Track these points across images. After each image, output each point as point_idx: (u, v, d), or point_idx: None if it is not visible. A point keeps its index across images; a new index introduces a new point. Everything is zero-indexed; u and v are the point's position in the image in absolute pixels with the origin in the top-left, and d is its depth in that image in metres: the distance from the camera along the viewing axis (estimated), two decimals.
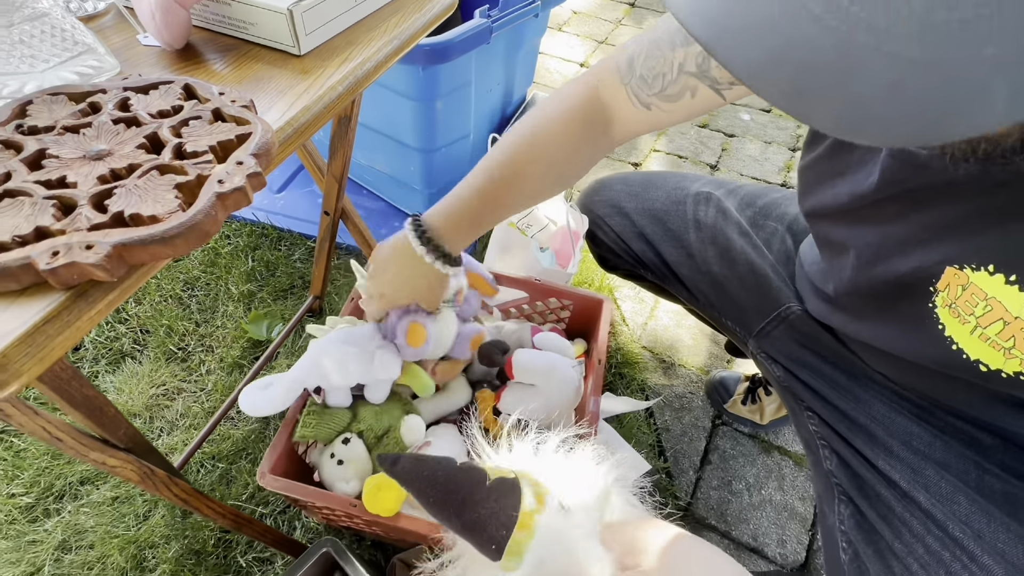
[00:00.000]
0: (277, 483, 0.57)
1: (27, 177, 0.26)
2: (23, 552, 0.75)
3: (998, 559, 0.40)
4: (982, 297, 0.35)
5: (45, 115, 0.29)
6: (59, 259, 0.22)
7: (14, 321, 0.22)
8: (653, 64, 0.45)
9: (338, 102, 0.38)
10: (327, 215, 0.79)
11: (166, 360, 0.96)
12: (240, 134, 0.29)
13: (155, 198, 0.25)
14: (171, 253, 0.24)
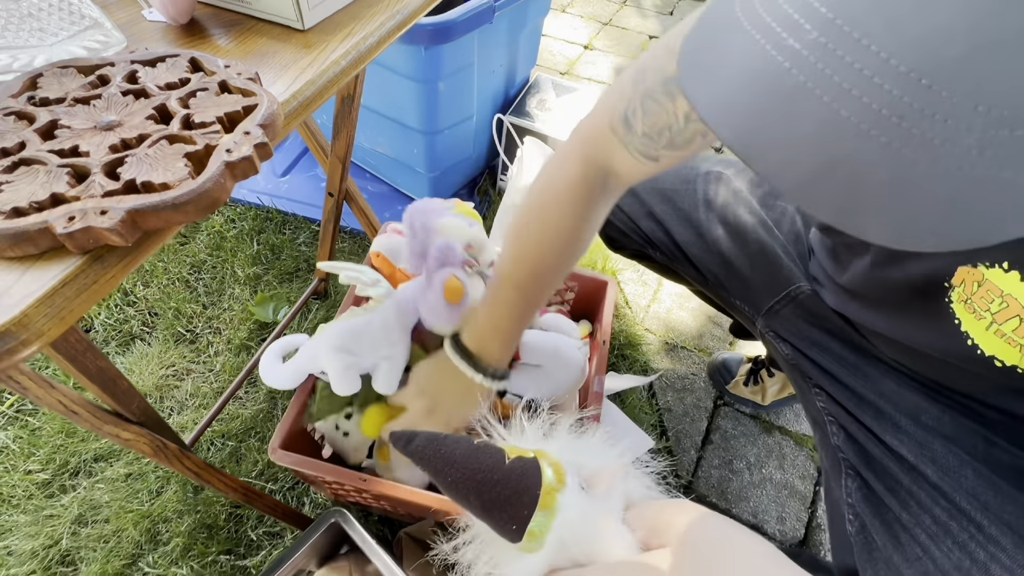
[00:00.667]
0: (288, 458, 0.59)
1: (41, 146, 0.26)
2: (41, 526, 0.77)
3: (1004, 530, 0.40)
4: (998, 293, 0.35)
5: (56, 87, 0.30)
6: (75, 224, 0.23)
7: (34, 284, 0.23)
8: (654, 120, 0.42)
9: (341, 76, 0.38)
10: (331, 196, 0.80)
11: (175, 342, 0.98)
12: (246, 105, 0.30)
13: (165, 166, 0.26)
14: (183, 219, 0.25)
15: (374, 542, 0.55)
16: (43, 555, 0.75)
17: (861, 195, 0.17)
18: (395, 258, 0.71)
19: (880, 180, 0.17)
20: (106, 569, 0.74)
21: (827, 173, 0.17)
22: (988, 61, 0.15)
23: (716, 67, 0.20)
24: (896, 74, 0.16)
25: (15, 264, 0.24)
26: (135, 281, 1.04)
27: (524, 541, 0.21)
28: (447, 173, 1.12)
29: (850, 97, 0.16)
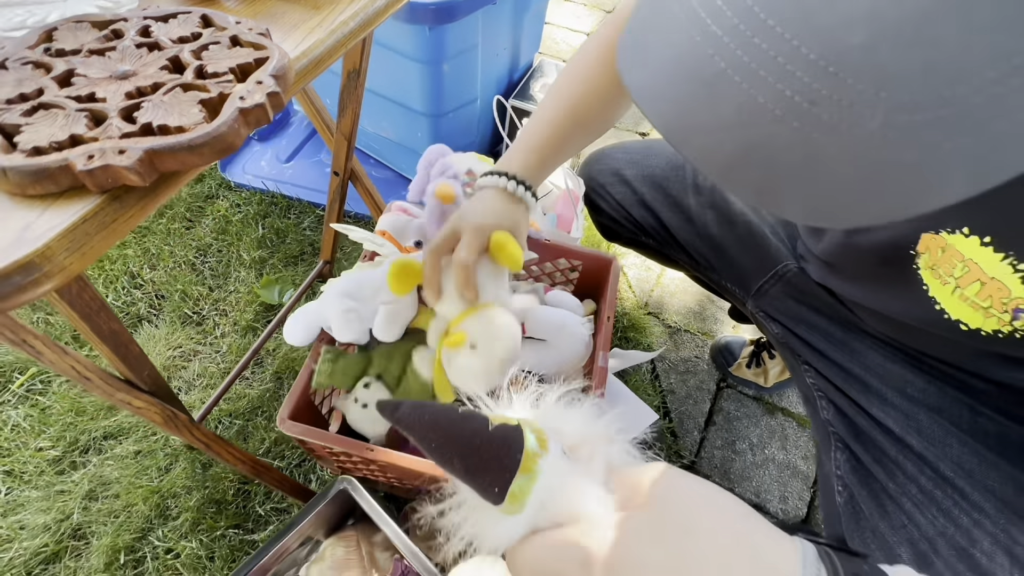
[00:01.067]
0: (295, 428, 0.59)
1: (58, 92, 0.27)
2: (52, 501, 0.78)
3: (988, 495, 0.41)
4: (960, 259, 0.36)
5: (71, 40, 0.30)
6: (95, 161, 0.24)
7: (55, 219, 0.24)
8: None
9: (350, 37, 0.38)
10: (336, 175, 0.80)
11: (182, 324, 0.98)
12: (258, 58, 0.30)
13: (181, 112, 0.27)
14: (198, 162, 0.26)
15: (381, 509, 0.56)
16: (55, 528, 0.76)
17: (777, 177, 0.18)
18: (401, 237, 0.71)
19: (793, 163, 0.17)
20: (117, 542, 0.75)
21: (746, 157, 0.18)
22: (888, 49, 0.15)
23: (649, 52, 0.20)
24: (806, 62, 0.16)
25: (36, 202, 0.24)
26: (142, 264, 1.05)
27: (506, 503, 0.22)
28: None
29: (765, 84, 0.17)
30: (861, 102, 0.16)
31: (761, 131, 0.17)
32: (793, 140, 0.17)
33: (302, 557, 0.62)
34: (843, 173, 0.17)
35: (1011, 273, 0.33)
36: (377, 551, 0.61)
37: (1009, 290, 0.33)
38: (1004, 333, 0.35)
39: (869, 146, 0.16)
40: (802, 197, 0.18)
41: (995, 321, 0.35)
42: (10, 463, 0.81)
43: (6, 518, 0.77)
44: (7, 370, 0.90)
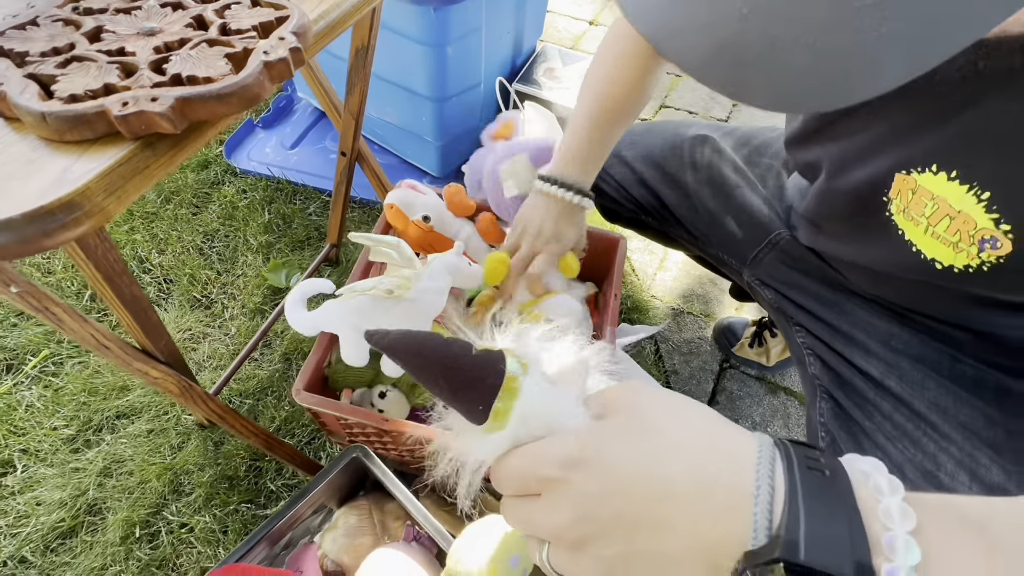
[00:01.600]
0: (311, 399, 0.60)
1: (89, 47, 0.28)
2: (68, 478, 0.80)
3: (957, 427, 0.44)
4: (929, 197, 0.38)
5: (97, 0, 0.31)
6: (129, 108, 0.25)
7: (92, 163, 0.25)
8: None
9: (365, 2, 0.39)
10: (344, 156, 0.81)
11: (191, 307, 1.00)
12: (279, 16, 0.31)
13: (208, 64, 0.28)
14: (226, 111, 0.27)
15: (394, 475, 0.57)
16: (71, 504, 0.78)
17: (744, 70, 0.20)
18: (409, 211, 0.72)
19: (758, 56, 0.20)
20: (131, 517, 0.77)
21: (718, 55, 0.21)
22: None
23: None
24: None
25: (73, 147, 0.25)
26: (150, 249, 1.06)
27: (489, 422, 0.23)
28: (455, 142, 1.13)
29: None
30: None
31: (730, 30, 0.20)
32: (756, 35, 0.20)
33: (315, 526, 0.64)
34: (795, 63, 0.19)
35: (975, 204, 0.35)
36: (388, 519, 0.62)
37: (975, 221, 0.35)
38: (973, 267, 0.38)
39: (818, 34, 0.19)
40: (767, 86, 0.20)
41: (964, 256, 0.37)
42: (26, 442, 0.83)
43: (23, 495, 0.78)
44: (20, 352, 0.92)
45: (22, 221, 0.22)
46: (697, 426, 0.22)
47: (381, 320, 0.59)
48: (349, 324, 0.59)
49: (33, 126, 0.25)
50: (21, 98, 0.24)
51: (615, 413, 0.23)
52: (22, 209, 0.22)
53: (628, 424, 0.22)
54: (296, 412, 0.88)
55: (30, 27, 0.28)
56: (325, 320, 0.60)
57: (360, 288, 0.56)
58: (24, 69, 0.26)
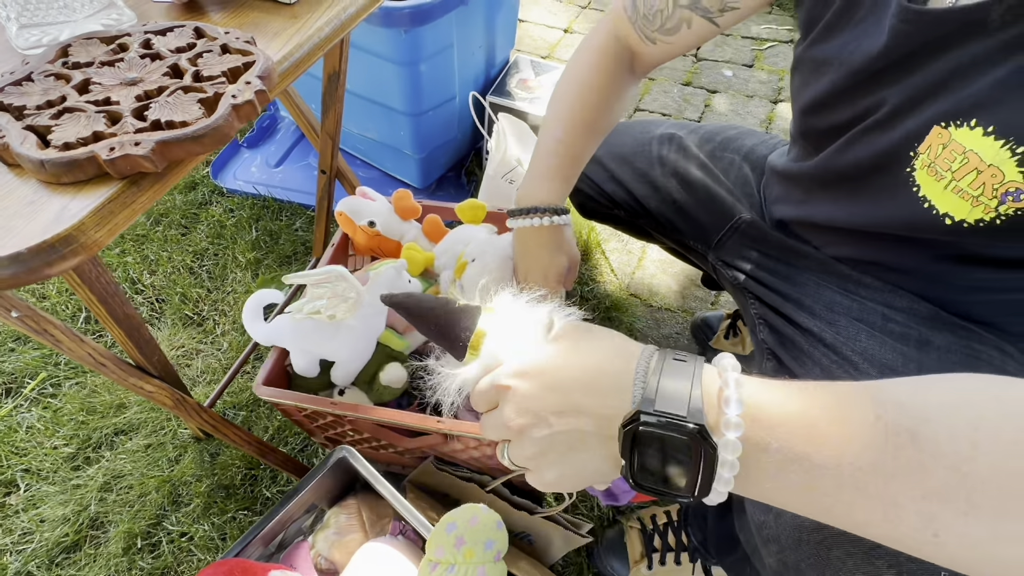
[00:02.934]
0: (271, 392, 0.64)
1: (79, 99, 0.32)
2: (70, 495, 0.83)
3: (878, 366, 0.47)
4: (960, 152, 0.39)
5: (84, 54, 0.35)
6: (116, 152, 0.28)
7: (86, 201, 0.28)
8: (652, 2, 0.53)
9: (325, 42, 0.43)
10: (323, 174, 0.85)
11: (183, 325, 1.03)
12: (246, 62, 0.35)
13: (183, 110, 0.31)
14: (200, 150, 0.31)
15: (379, 474, 0.61)
16: (74, 519, 0.81)
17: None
18: (356, 216, 0.77)
19: None
20: (133, 529, 0.80)
21: None
22: None
23: None
24: None
25: (68, 189, 0.29)
26: (141, 270, 1.09)
27: (467, 355, 0.31)
28: (434, 154, 1.17)
29: None
30: None
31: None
32: None
33: (307, 526, 0.67)
34: None
35: (1008, 158, 0.36)
36: (377, 517, 0.65)
37: (1004, 174, 0.37)
38: (985, 221, 0.39)
39: None
40: None
41: (981, 209, 0.39)
42: (27, 461, 0.86)
43: (27, 512, 0.81)
44: (19, 375, 0.95)
45: (28, 255, 0.26)
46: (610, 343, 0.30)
47: (327, 343, 0.64)
48: (298, 345, 0.64)
49: (33, 171, 0.29)
50: (22, 148, 0.28)
51: (557, 340, 0.30)
52: (27, 244, 0.26)
53: (564, 345, 0.30)
54: (287, 421, 0.92)
55: (26, 83, 0.32)
56: (277, 335, 0.65)
57: (307, 310, 0.60)
58: (23, 121, 0.30)
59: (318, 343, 0.64)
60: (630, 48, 0.59)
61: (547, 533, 0.76)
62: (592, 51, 0.60)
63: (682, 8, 0.54)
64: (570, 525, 0.76)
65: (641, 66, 0.62)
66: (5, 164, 0.30)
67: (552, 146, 0.60)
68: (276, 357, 0.68)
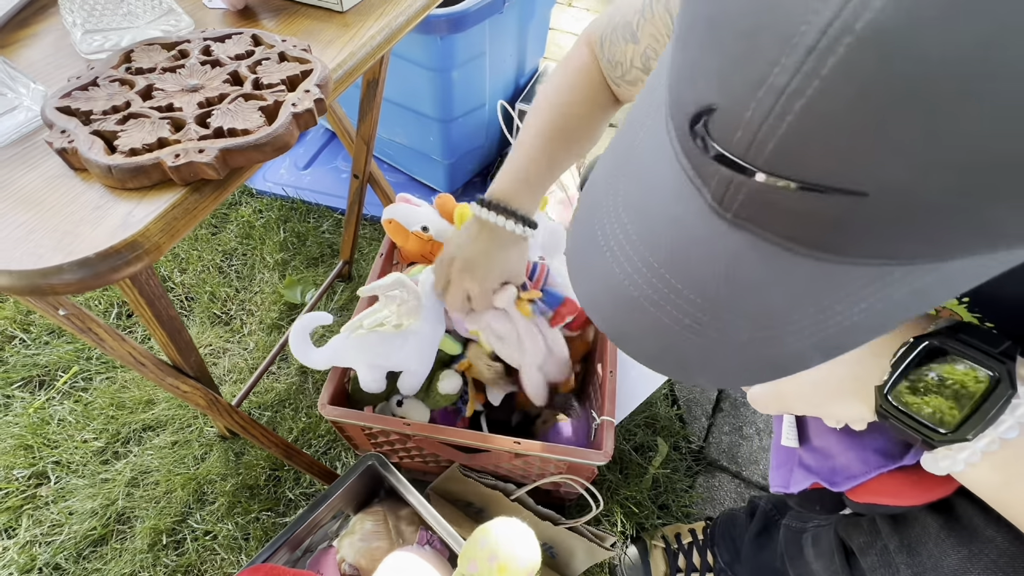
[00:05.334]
0: (336, 412, 0.63)
1: (143, 104, 0.32)
2: (98, 488, 0.84)
3: None
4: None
5: (146, 60, 0.35)
6: (181, 159, 0.29)
7: (150, 207, 0.29)
8: (615, 52, 0.51)
9: (377, 50, 0.43)
10: (356, 178, 0.85)
11: (211, 324, 1.04)
12: (304, 70, 0.35)
13: (244, 118, 0.32)
14: (261, 158, 0.31)
15: (408, 482, 0.61)
16: (102, 513, 0.82)
17: (688, 366, 0.25)
18: (407, 223, 0.77)
19: (696, 358, 0.24)
20: (159, 525, 0.81)
21: (663, 355, 0.25)
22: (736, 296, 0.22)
23: (587, 271, 0.27)
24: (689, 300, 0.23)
25: (133, 194, 0.29)
26: (172, 268, 1.11)
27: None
28: (462, 160, 1.17)
29: (666, 311, 0.24)
30: (731, 327, 0.23)
31: (670, 339, 0.24)
32: (692, 346, 0.24)
33: (333, 531, 0.67)
34: (732, 363, 0.24)
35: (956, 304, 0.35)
36: (403, 524, 0.65)
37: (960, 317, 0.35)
38: None
39: (744, 350, 0.23)
40: (708, 376, 0.25)
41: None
42: (58, 454, 0.87)
43: (57, 504, 0.82)
44: (52, 369, 0.97)
45: (96, 259, 0.26)
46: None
47: (397, 353, 0.62)
48: (363, 360, 0.62)
49: (99, 176, 0.29)
50: (90, 153, 0.28)
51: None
52: (96, 249, 0.26)
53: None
54: (313, 423, 0.92)
55: (92, 88, 0.33)
56: (336, 356, 0.62)
57: (369, 324, 0.59)
58: (90, 127, 0.30)
59: (387, 355, 0.62)
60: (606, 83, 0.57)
61: (570, 545, 0.75)
62: (571, 70, 0.56)
63: (637, 69, 0.52)
64: (594, 537, 0.75)
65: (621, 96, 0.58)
66: (72, 168, 0.31)
67: (536, 148, 0.56)
68: (338, 374, 0.67)
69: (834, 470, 0.36)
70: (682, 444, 0.96)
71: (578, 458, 0.60)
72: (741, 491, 0.94)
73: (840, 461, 0.35)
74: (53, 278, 0.26)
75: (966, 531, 0.33)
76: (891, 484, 0.34)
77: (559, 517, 0.75)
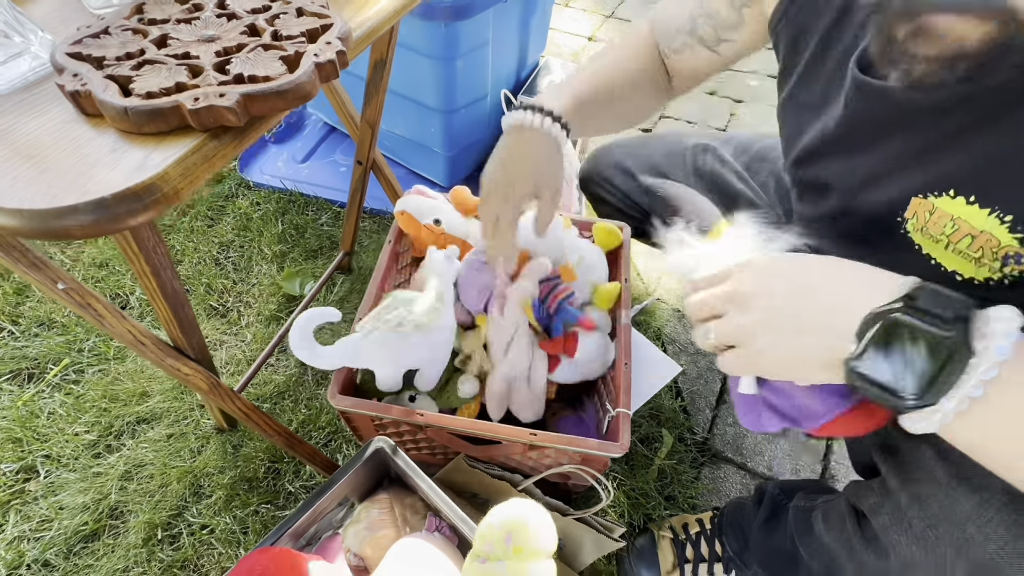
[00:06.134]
0: (351, 403, 0.59)
1: (158, 52, 0.31)
2: (90, 482, 0.81)
3: None
4: (948, 218, 0.39)
5: (159, 11, 0.34)
6: (200, 103, 0.27)
7: (168, 151, 0.27)
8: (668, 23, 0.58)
9: (395, 14, 0.43)
10: (360, 165, 0.84)
11: (207, 315, 1.02)
12: (323, 24, 0.34)
13: (265, 66, 0.31)
14: (284, 106, 0.30)
15: (418, 468, 0.59)
16: (93, 508, 0.79)
17: None
18: (420, 216, 0.75)
19: None
20: (153, 519, 0.78)
21: None
22: None
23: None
24: None
25: (150, 139, 0.28)
26: None
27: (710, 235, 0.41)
28: (463, 153, 1.17)
29: None
30: None
31: None
32: None
33: (338, 520, 0.65)
34: None
35: (998, 225, 0.36)
36: (409, 512, 0.63)
37: (998, 240, 0.36)
38: (994, 280, 0.39)
39: None
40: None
41: (986, 269, 0.38)
42: (48, 447, 0.84)
43: (47, 499, 0.79)
44: (42, 362, 0.94)
45: (112, 201, 0.25)
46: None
47: (418, 352, 0.59)
48: (381, 359, 0.59)
49: (114, 120, 0.28)
50: (105, 95, 0.27)
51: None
52: (112, 190, 0.25)
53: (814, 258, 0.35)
54: (313, 415, 0.90)
55: (103, 35, 0.31)
56: (350, 357, 0.58)
57: (388, 323, 0.55)
58: (103, 71, 0.29)
59: (408, 353, 0.59)
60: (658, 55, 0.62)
61: (578, 536, 0.73)
62: (633, 36, 0.62)
63: (684, 35, 0.57)
64: (603, 528, 0.73)
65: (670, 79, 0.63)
66: (84, 113, 0.29)
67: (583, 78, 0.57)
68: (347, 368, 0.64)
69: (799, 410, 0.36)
70: (687, 436, 0.95)
71: (595, 450, 0.58)
72: (746, 482, 0.93)
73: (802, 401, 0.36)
74: (68, 219, 0.24)
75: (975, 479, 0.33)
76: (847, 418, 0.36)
77: (567, 508, 0.74)
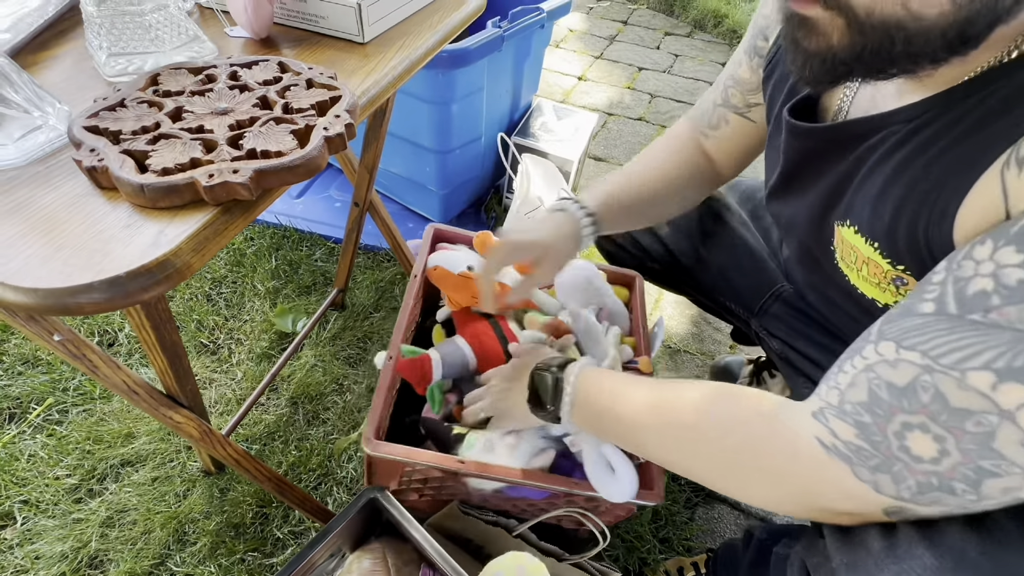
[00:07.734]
0: (383, 447, 0.56)
1: (173, 126, 0.32)
2: (69, 530, 0.79)
3: None
4: (850, 247, 0.43)
5: (173, 83, 0.35)
6: (215, 179, 0.28)
7: (182, 226, 0.28)
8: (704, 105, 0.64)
9: (397, 80, 0.44)
10: (356, 206, 0.86)
11: (197, 353, 1.01)
12: (332, 96, 0.36)
13: (276, 140, 0.32)
14: (293, 180, 0.31)
15: (412, 517, 0.58)
16: (72, 557, 0.76)
17: None
18: (452, 267, 0.76)
19: None
20: (135, 569, 0.75)
21: None
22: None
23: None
24: None
25: (164, 214, 0.29)
26: None
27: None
28: (457, 191, 1.19)
29: None
30: None
31: None
32: None
33: (329, 570, 0.63)
34: None
35: (874, 252, 0.40)
36: (402, 562, 0.62)
37: (881, 266, 0.40)
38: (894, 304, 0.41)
39: None
40: None
41: (889, 294, 0.42)
42: (27, 492, 0.81)
43: (23, 547, 0.77)
44: (24, 400, 0.92)
45: (126, 279, 0.25)
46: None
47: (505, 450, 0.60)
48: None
49: (130, 196, 0.29)
50: (121, 171, 0.28)
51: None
52: (126, 268, 0.25)
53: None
54: (303, 456, 0.88)
55: (119, 108, 0.32)
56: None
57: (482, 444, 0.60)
58: (120, 146, 0.30)
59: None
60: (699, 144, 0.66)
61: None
62: (670, 135, 0.67)
63: (719, 107, 0.62)
64: (599, 573, 0.72)
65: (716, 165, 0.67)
66: (99, 187, 0.30)
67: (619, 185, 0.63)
68: (381, 408, 0.61)
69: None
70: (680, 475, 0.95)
71: (635, 499, 0.56)
72: (741, 522, 0.93)
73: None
74: (82, 296, 0.25)
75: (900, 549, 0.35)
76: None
77: (563, 553, 0.73)
